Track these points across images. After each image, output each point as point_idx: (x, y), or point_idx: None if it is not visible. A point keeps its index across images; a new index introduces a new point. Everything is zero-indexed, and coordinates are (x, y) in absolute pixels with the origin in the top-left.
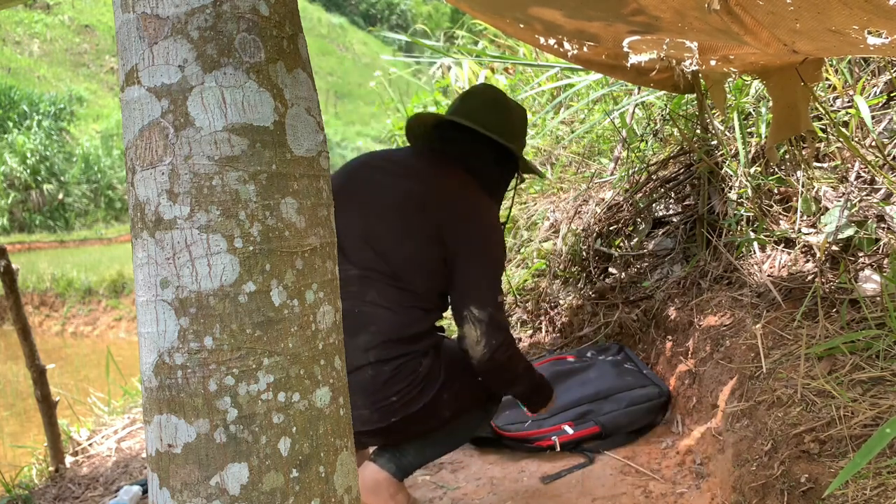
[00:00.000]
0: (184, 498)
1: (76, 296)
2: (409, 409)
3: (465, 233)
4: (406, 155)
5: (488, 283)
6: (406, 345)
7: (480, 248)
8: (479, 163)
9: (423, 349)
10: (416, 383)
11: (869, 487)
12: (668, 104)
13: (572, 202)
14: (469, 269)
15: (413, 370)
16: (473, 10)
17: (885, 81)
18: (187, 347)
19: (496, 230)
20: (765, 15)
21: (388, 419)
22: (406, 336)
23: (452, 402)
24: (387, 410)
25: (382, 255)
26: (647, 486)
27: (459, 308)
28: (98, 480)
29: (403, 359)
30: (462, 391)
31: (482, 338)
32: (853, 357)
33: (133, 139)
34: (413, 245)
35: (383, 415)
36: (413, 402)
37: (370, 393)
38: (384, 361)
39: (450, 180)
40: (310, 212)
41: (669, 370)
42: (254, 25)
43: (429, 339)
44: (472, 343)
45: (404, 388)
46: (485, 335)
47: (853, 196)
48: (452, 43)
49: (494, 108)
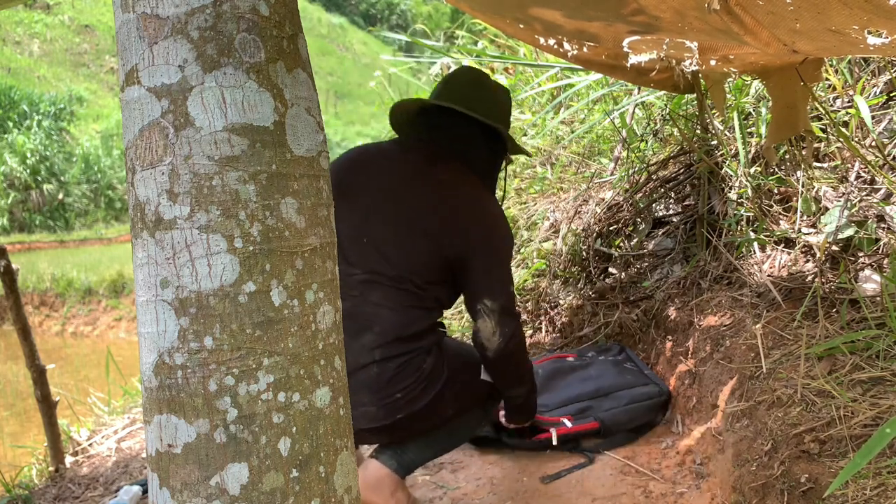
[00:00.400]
0: (184, 498)
1: (76, 296)
2: (413, 406)
3: (470, 229)
4: (396, 149)
5: (499, 274)
6: (409, 343)
7: (488, 243)
8: (469, 148)
9: (426, 347)
10: (421, 380)
11: (869, 487)
12: (668, 104)
13: (572, 202)
14: (479, 264)
15: (417, 367)
16: (473, 10)
17: (885, 81)
18: (187, 347)
19: (500, 220)
20: (765, 15)
21: (394, 416)
22: (408, 335)
23: (455, 400)
24: (392, 407)
25: (386, 259)
26: (647, 486)
27: (473, 303)
28: (98, 480)
29: (407, 356)
30: (464, 389)
31: (496, 327)
32: (853, 357)
33: (133, 139)
34: (416, 247)
35: (389, 412)
36: (418, 398)
37: (375, 390)
38: (389, 359)
39: (446, 176)
40: (310, 212)
41: (669, 370)
42: (254, 25)
43: (431, 336)
44: (488, 335)
45: (409, 385)
46: (498, 325)
47: (853, 196)
48: (452, 43)
49: (478, 89)
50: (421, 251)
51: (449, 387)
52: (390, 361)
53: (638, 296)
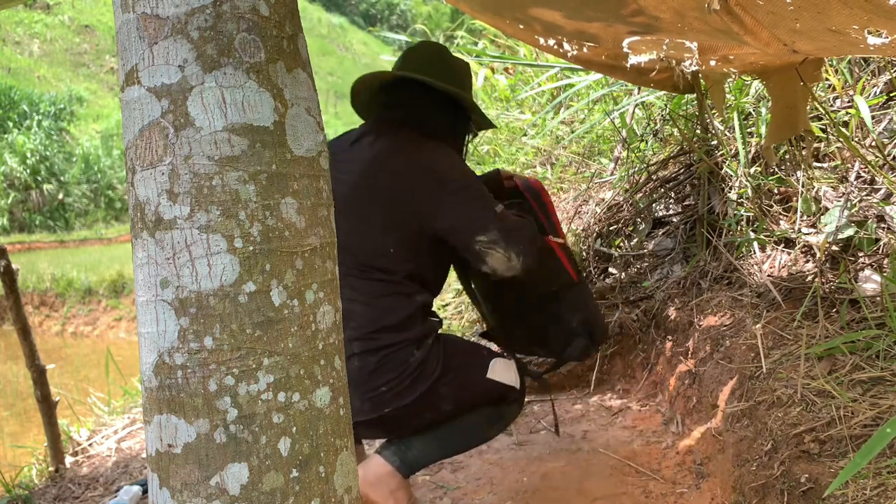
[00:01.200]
0: (184, 498)
1: (76, 296)
2: (401, 401)
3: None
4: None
5: (479, 205)
6: (391, 333)
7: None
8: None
9: (413, 338)
10: (407, 374)
11: (869, 487)
12: (668, 104)
13: (572, 202)
14: (453, 209)
15: (403, 361)
16: (473, 10)
17: (885, 81)
18: (187, 347)
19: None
20: (765, 15)
21: (381, 409)
22: (389, 325)
23: (452, 396)
24: (377, 401)
25: (348, 250)
26: (647, 486)
27: (470, 249)
28: (98, 480)
29: (391, 349)
30: (463, 386)
31: (507, 251)
32: (853, 357)
33: (133, 139)
34: (371, 229)
35: (374, 405)
36: (405, 393)
37: (358, 384)
38: (370, 352)
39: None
40: (310, 212)
41: (669, 370)
42: (254, 25)
43: (418, 327)
44: (504, 264)
45: (393, 379)
46: (508, 248)
47: (853, 196)
48: (452, 43)
49: (436, 60)
50: (377, 230)
51: (444, 382)
52: (371, 354)
53: (638, 296)
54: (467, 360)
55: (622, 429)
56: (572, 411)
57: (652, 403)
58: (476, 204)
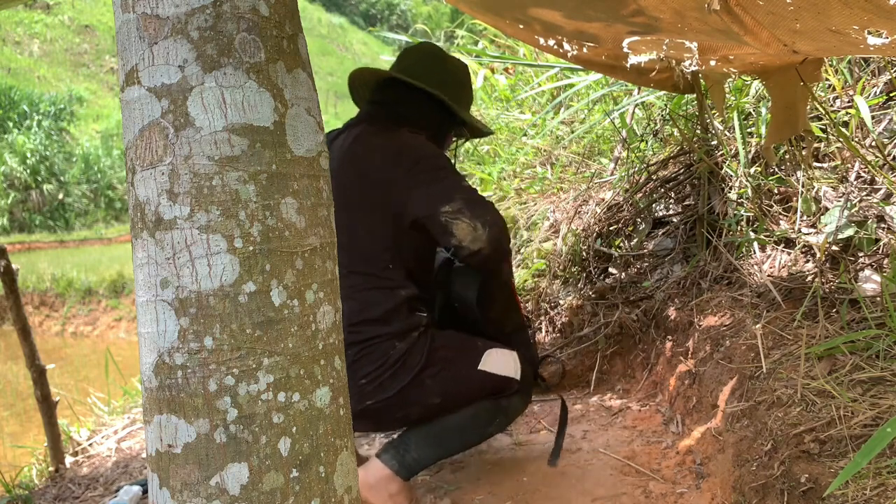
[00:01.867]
0: (184, 498)
1: (76, 296)
2: (383, 394)
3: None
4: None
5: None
6: (374, 326)
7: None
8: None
9: (395, 331)
10: (387, 367)
11: (869, 487)
12: (668, 104)
13: (572, 202)
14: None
15: (383, 353)
16: (473, 10)
17: (885, 81)
18: (187, 347)
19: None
20: (765, 15)
21: (363, 403)
22: (372, 318)
23: (439, 389)
24: (359, 394)
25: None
26: (647, 486)
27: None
28: (98, 480)
29: (371, 343)
30: (452, 378)
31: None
32: (853, 357)
33: (133, 139)
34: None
35: (356, 399)
36: (386, 386)
37: None
38: (351, 345)
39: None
40: (310, 212)
41: (669, 370)
42: (254, 25)
43: (403, 321)
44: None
45: (373, 372)
46: (473, 217)
47: (853, 196)
48: (452, 43)
49: (430, 62)
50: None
51: (429, 375)
52: (349, 348)
53: (638, 296)
54: (457, 352)
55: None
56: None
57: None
58: (441, 174)
